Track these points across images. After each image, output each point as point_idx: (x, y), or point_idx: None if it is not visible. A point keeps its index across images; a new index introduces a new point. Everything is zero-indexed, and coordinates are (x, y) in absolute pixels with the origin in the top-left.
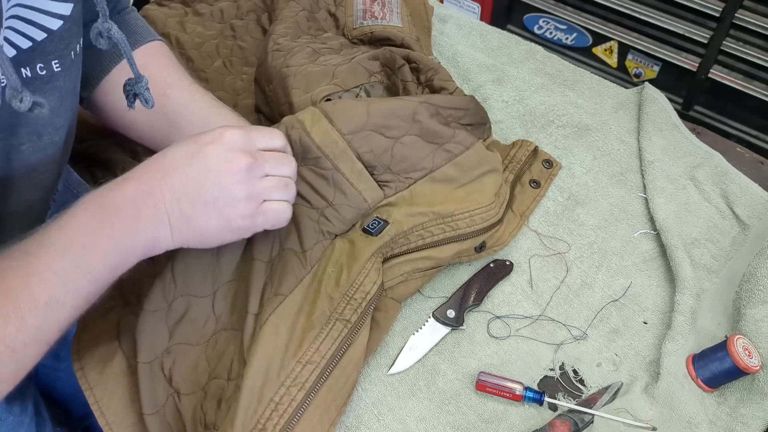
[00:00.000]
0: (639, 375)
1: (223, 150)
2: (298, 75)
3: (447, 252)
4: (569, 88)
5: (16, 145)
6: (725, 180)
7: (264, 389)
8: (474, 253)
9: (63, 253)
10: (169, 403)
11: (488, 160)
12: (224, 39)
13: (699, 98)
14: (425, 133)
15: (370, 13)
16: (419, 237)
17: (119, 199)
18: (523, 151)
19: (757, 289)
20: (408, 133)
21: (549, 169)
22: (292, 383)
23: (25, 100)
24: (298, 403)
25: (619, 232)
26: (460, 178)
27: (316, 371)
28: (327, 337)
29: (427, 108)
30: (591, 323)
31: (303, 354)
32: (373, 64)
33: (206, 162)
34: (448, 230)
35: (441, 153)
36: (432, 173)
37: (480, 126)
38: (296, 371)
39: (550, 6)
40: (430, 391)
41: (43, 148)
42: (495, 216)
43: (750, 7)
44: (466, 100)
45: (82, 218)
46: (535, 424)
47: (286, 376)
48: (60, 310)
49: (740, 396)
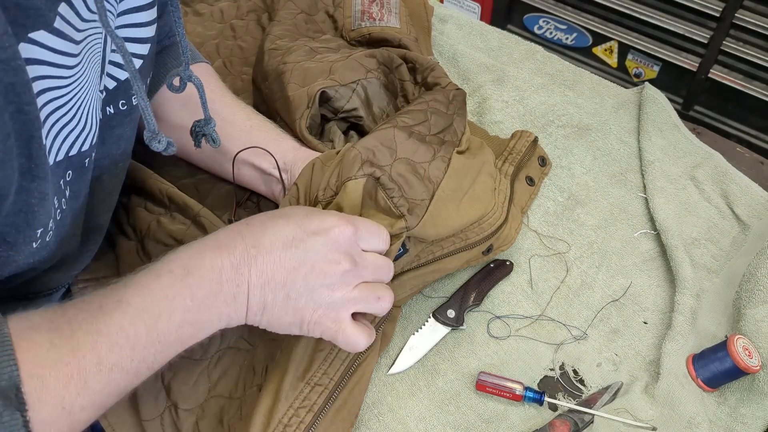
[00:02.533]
0: (639, 375)
1: (326, 247)
2: (295, 70)
3: (456, 262)
4: (569, 88)
5: (98, 175)
6: (725, 180)
7: (274, 410)
8: (482, 257)
9: (138, 317)
10: (166, 413)
11: (474, 165)
12: (224, 39)
13: (699, 98)
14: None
15: (368, 15)
16: (429, 253)
17: (206, 269)
18: (522, 142)
19: (757, 289)
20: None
21: (543, 167)
22: (301, 405)
23: (162, 141)
24: (306, 425)
25: (619, 232)
26: (459, 189)
27: (324, 393)
28: (335, 359)
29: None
30: (591, 323)
31: (312, 375)
32: (371, 61)
33: (305, 255)
34: (458, 242)
35: (433, 170)
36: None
37: (449, 128)
38: (305, 393)
39: (550, 6)
40: (430, 391)
41: (116, 172)
42: (501, 217)
43: (750, 7)
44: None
45: (165, 281)
46: (535, 424)
47: (294, 398)
48: (123, 376)
49: (740, 396)
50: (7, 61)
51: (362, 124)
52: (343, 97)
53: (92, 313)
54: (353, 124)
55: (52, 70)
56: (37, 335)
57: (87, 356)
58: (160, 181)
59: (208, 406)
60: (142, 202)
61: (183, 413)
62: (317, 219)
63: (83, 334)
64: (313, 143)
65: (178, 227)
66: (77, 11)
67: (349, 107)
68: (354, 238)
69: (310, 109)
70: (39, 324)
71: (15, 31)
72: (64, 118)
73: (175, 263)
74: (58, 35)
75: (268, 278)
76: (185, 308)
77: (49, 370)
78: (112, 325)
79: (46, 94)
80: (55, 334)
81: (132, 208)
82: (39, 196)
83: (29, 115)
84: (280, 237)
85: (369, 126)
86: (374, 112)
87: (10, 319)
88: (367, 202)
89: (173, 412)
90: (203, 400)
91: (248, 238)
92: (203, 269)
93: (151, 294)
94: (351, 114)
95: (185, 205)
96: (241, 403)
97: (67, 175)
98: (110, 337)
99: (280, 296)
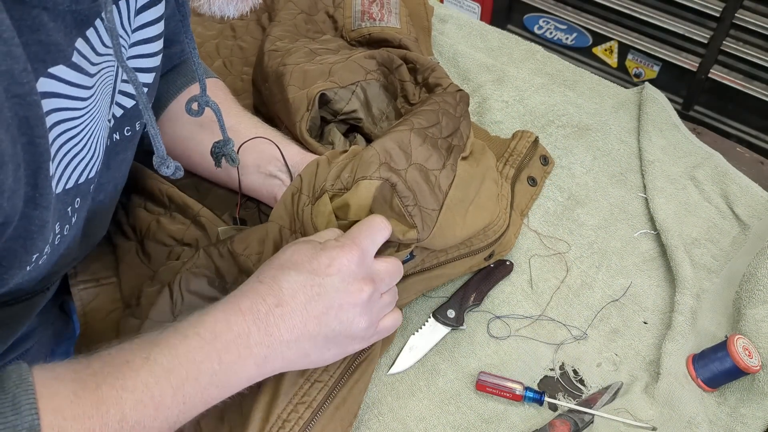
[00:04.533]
0: (639, 375)
1: (344, 282)
2: (294, 72)
3: (459, 268)
4: (569, 88)
5: (101, 199)
6: (725, 180)
7: (273, 405)
8: (483, 262)
9: (164, 376)
10: None
11: (478, 173)
12: (224, 39)
13: (699, 98)
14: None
15: (368, 15)
16: (434, 257)
17: (233, 335)
18: (523, 142)
19: (757, 289)
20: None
21: (545, 167)
22: (300, 401)
23: (171, 166)
24: (305, 421)
25: (619, 232)
26: (466, 198)
27: (324, 390)
28: None
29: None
30: (591, 323)
31: (312, 372)
32: (370, 62)
33: (328, 298)
34: (463, 248)
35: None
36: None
37: (456, 132)
38: (304, 389)
39: (550, 6)
40: (430, 391)
41: (115, 195)
42: (504, 224)
43: (750, 7)
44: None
45: (192, 344)
46: (535, 424)
47: (294, 394)
48: None
49: (740, 396)
50: (23, 96)
51: (362, 126)
52: (342, 99)
53: (118, 367)
54: (353, 125)
55: (67, 103)
56: (60, 386)
57: (111, 411)
58: (159, 181)
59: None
60: (142, 202)
61: None
62: (324, 257)
63: (108, 388)
64: (313, 146)
65: (177, 227)
66: (93, 46)
67: (349, 109)
68: (363, 258)
69: (310, 111)
70: (63, 375)
71: (35, 67)
72: (76, 148)
73: (203, 327)
74: (74, 69)
75: (300, 332)
76: (212, 372)
77: (71, 422)
78: (138, 382)
79: (60, 126)
80: (79, 385)
81: (132, 208)
82: (39, 223)
83: (39, 147)
84: (299, 289)
85: (369, 128)
86: (374, 113)
87: (35, 369)
88: (382, 206)
89: None
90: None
91: (269, 298)
92: (230, 334)
93: (178, 355)
94: (350, 116)
95: (185, 204)
96: (242, 400)
97: (75, 202)
98: (135, 393)
99: (319, 341)
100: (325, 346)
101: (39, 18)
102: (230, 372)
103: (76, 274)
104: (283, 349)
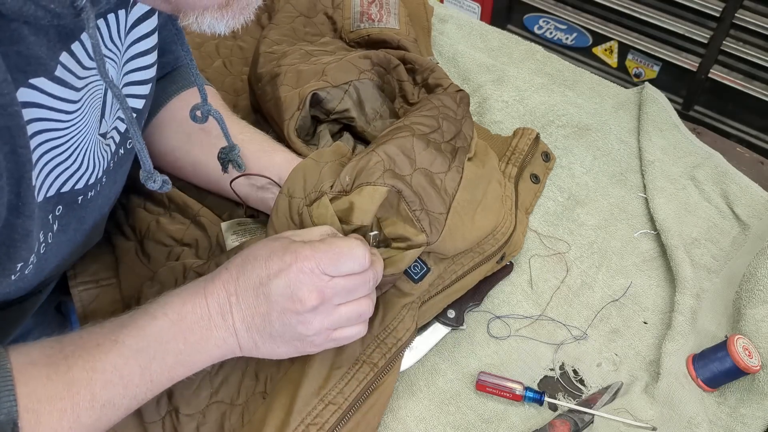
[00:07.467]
0: (639, 375)
1: (289, 288)
2: (288, 73)
3: (476, 276)
4: (569, 88)
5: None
6: (725, 180)
7: (285, 425)
8: (497, 266)
9: (132, 357)
10: (167, 418)
11: (484, 174)
12: (224, 39)
13: (699, 98)
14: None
15: (367, 16)
16: (452, 272)
17: (197, 316)
18: (524, 140)
19: (757, 289)
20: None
21: (547, 163)
22: (312, 422)
23: (158, 180)
24: None
25: (619, 232)
26: (473, 200)
27: (337, 413)
28: (352, 378)
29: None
30: (591, 323)
31: (327, 393)
32: (364, 62)
33: (272, 300)
34: (476, 256)
35: (449, 182)
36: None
37: (459, 134)
38: (318, 410)
39: (550, 6)
40: (430, 391)
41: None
42: (511, 225)
43: (750, 7)
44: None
45: (160, 324)
46: (535, 424)
47: (307, 414)
48: (114, 412)
49: (740, 396)
50: (4, 107)
51: (355, 125)
52: (334, 99)
53: (89, 350)
54: (346, 125)
55: (50, 114)
56: (34, 370)
57: (81, 392)
58: None
59: (209, 412)
60: (142, 202)
61: (184, 418)
62: (278, 261)
63: (79, 370)
64: (297, 145)
65: (177, 227)
66: (78, 60)
67: (341, 108)
68: (316, 270)
69: (301, 111)
70: (37, 359)
71: (15, 77)
72: (59, 158)
73: (171, 307)
74: (58, 83)
75: (249, 324)
76: (178, 351)
77: (44, 404)
78: (108, 364)
79: (40, 136)
80: (52, 369)
81: (131, 208)
82: (23, 232)
83: (22, 157)
84: (250, 283)
85: (362, 127)
86: (367, 113)
87: (11, 352)
88: (389, 211)
89: (174, 417)
90: (204, 405)
91: (228, 285)
92: (195, 316)
93: (147, 336)
94: (343, 115)
95: (185, 204)
96: (243, 409)
97: (57, 210)
98: (105, 374)
99: (265, 336)
100: (273, 342)
101: (18, 31)
102: (194, 352)
103: (75, 275)
104: (237, 336)
